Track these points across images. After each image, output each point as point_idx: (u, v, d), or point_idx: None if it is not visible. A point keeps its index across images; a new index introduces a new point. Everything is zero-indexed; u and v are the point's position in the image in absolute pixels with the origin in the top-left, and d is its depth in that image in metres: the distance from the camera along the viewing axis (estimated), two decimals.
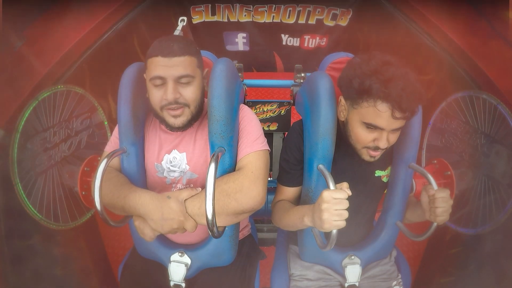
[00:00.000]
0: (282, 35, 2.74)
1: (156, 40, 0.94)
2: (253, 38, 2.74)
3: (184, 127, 0.97)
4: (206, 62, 1.09)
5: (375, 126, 0.88)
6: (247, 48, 2.82)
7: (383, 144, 0.90)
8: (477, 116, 1.36)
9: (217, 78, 0.91)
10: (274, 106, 1.66)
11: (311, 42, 2.75)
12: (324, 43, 2.72)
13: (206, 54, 1.12)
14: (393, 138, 0.92)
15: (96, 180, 0.81)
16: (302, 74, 1.42)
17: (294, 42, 2.77)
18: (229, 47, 2.80)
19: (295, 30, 2.67)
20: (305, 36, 2.72)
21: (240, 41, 2.77)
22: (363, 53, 0.92)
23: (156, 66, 0.90)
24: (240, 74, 1.43)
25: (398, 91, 0.81)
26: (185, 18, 1.28)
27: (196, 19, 2.59)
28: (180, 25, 1.25)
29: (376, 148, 0.93)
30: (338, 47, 2.63)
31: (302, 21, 2.59)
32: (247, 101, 1.64)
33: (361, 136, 0.92)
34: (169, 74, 0.90)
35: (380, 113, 0.85)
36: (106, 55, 1.74)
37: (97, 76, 1.68)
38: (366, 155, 0.96)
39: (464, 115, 1.42)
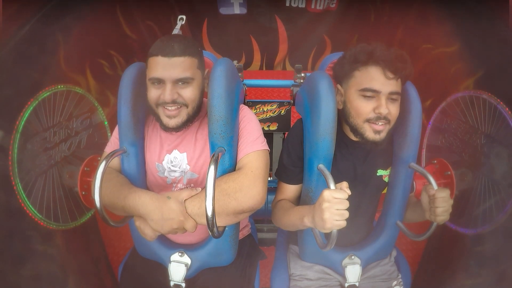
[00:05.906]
0: None
1: (158, 39, 0.94)
2: None
3: (177, 129, 0.97)
4: (206, 62, 1.09)
5: (371, 90, 0.91)
6: (244, 11, 2.47)
7: (383, 109, 0.91)
8: (477, 116, 1.36)
9: (217, 79, 0.91)
10: (274, 106, 1.66)
11: (319, 3, 2.42)
12: (334, 5, 2.41)
13: (206, 54, 1.13)
14: (393, 109, 0.93)
15: (96, 180, 0.81)
16: (302, 74, 1.42)
17: (300, 3, 2.42)
18: (223, 10, 2.45)
19: None
20: None
21: (235, 3, 2.43)
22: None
23: (156, 66, 0.90)
24: (240, 74, 1.43)
25: (385, 53, 0.91)
26: (184, 17, 1.22)
27: None
28: (179, 23, 1.21)
29: (378, 118, 0.92)
30: (349, 11, 2.39)
31: None
32: (247, 101, 1.64)
33: (360, 107, 0.94)
34: (168, 76, 0.90)
35: (373, 75, 0.91)
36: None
37: None
38: (369, 132, 0.95)
39: (464, 115, 1.42)
